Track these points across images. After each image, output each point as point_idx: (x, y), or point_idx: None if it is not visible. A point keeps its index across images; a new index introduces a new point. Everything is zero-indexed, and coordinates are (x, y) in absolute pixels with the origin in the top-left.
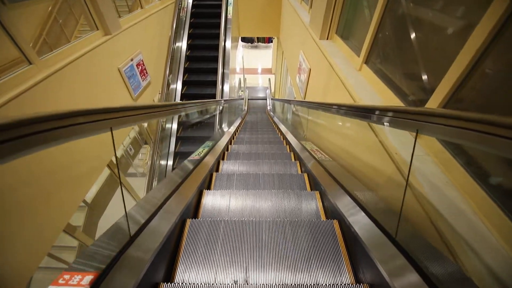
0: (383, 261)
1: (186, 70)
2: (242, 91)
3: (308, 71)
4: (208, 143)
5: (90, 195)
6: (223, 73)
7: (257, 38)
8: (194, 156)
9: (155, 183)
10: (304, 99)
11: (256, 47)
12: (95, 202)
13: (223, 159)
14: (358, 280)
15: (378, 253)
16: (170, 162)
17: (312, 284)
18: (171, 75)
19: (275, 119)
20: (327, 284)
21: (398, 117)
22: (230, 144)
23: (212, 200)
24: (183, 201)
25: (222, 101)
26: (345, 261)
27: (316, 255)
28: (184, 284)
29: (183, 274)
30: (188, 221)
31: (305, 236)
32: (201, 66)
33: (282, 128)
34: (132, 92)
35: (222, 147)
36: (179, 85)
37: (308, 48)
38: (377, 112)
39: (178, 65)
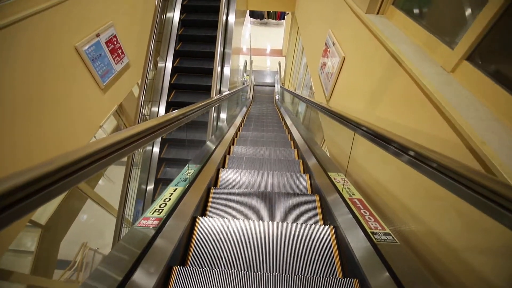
0: None
1: (177, 54)
2: (247, 75)
3: (340, 60)
4: (186, 172)
5: (45, 214)
6: (223, 54)
7: (268, 13)
8: (152, 215)
9: (137, 171)
10: (329, 99)
11: (266, 24)
12: (52, 222)
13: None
14: None
15: None
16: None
17: None
18: (158, 58)
19: (286, 118)
20: None
21: None
22: (223, 166)
23: None
24: None
25: (224, 95)
26: None
27: None
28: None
29: None
30: None
31: None
32: (197, 49)
33: (300, 142)
34: (100, 80)
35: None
36: (167, 73)
37: (342, 26)
38: None
39: (168, 46)
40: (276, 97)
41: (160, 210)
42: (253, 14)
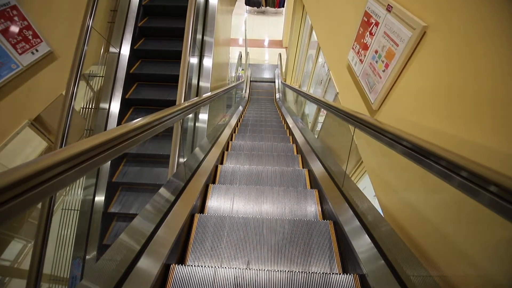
0: None
1: (141, 32)
2: (242, 69)
3: (414, 37)
4: None
5: None
6: (202, 42)
7: (265, 0)
8: None
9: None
10: (378, 108)
11: (263, 12)
12: None
13: None
14: None
15: None
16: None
17: None
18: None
19: (291, 125)
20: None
21: None
22: (185, 248)
23: None
24: None
25: (204, 97)
26: None
27: None
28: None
29: None
30: None
31: None
32: (171, 24)
33: (326, 186)
34: None
35: None
36: (124, 59)
37: None
38: None
39: (125, 21)
40: (277, 95)
41: None
42: (249, 2)
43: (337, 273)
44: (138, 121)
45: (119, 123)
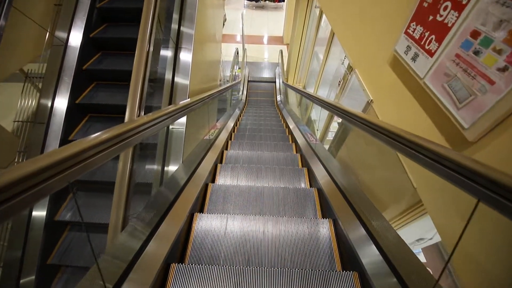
0: None
1: (96, 45)
2: (239, 68)
3: None
4: None
5: None
6: (178, 33)
7: None
8: None
9: None
10: (477, 140)
11: (262, 7)
12: None
13: None
14: None
15: None
16: None
17: None
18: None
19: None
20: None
21: None
22: None
23: None
24: None
25: (179, 108)
26: None
27: None
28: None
29: None
30: None
31: None
32: (134, 35)
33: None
34: None
35: None
36: (70, 61)
37: None
38: None
39: (70, 22)
40: (278, 97)
41: None
42: None
43: None
44: None
45: None
